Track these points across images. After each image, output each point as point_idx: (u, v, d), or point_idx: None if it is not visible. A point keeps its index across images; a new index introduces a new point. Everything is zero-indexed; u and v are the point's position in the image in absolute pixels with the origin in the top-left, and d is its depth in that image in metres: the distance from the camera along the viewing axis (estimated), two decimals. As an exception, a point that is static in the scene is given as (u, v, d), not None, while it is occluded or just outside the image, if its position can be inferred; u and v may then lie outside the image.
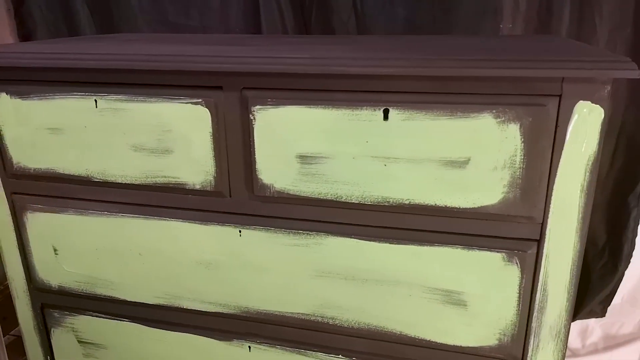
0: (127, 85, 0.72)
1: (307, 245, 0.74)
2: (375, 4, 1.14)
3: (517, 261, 0.67)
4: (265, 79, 0.67)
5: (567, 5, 1.07)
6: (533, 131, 0.61)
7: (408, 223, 0.70)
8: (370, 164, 0.67)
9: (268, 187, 0.72)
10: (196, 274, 0.80)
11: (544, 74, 0.57)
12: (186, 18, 1.22)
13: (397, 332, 0.75)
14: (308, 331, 0.79)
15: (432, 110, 0.63)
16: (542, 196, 0.63)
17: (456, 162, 0.64)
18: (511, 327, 0.70)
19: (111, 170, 0.77)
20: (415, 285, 0.72)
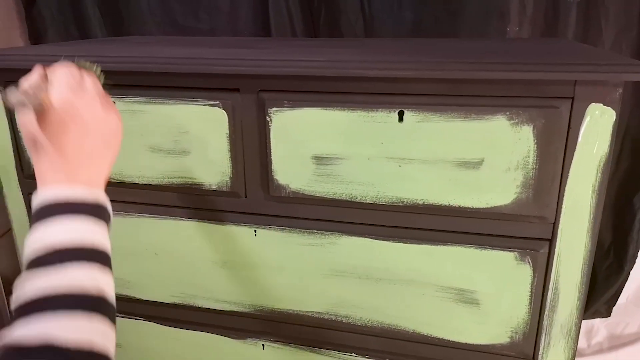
0: (145, 87, 0.74)
1: (322, 244, 0.75)
2: (383, 7, 1.15)
3: (529, 260, 0.68)
4: (282, 81, 0.69)
5: (574, 8, 1.08)
6: (546, 133, 0.62)
7: (422, 223, 0.71)
8: (385, 165, 0.68)
9: (284, 188, 0.73)
10: (211, 273, 0.81)
11: (557, 77, 0.59)
12: (195, 20, 1.24)
13: (410, 331, 0.76)
14: (322, 330, 0.80)
15: (446, 112, 0.64)
16: (554, 196, 0.65)
17: (470, 163, 0.65)
18: (523, 325, 0.71)
19: (128, 171, 0.79)
20: (428, 284, 0.73)
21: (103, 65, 0.71)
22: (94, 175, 0.51)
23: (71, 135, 0.49)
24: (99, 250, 0.47)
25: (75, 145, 0.49)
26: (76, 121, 0.49)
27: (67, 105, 0.49)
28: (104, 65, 0.71)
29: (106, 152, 0.53)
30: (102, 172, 0.52)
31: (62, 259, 0.44)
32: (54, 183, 0.48)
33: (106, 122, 0.52)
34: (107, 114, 0.53)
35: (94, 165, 0.51)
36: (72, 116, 0.49)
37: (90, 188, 0.49)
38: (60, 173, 0.48)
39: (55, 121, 0.49)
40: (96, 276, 0.45)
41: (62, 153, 0.49)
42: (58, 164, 0.48)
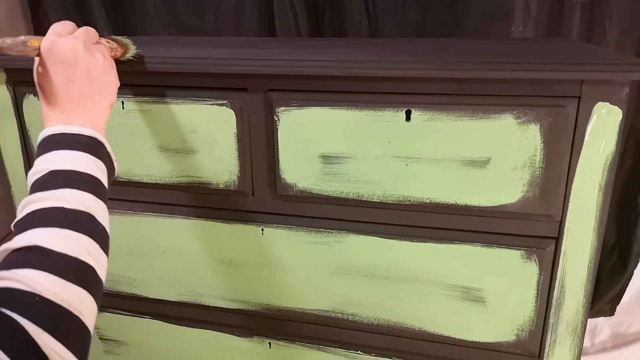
0: (154, 87, 0.74)
1: (329, 243, 0.75)
2: (388, 8, 1.15)
3: (536, 259, 0.68)
4: (290, 81, 0.69)
5: (578, 8, 1.09)
6: (552, 132, 0.62)
7: (428, 221, 0.71)
8: (392, 164, 0.69)
9: (291, 187, 0.74)
10: (218, 271, 0.82)
11: (564, 76, 0.59)
12: (201, 21, 1.24)
13: (417, 329, 0.76)
14: (328, 328, 0.81)
15: (453, 112, 0.64)
16: (560, 195, 0.65)
17: (477, 162, 0.66)
18: (529, 323, 0.72)
19: (136, 170, 0.79)
20: (434, 282, 0.73)
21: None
22: (89, 115, 0.55)
23: (57, 75, 0.54)
24: (93, 179, 0.51)
25: (63, 85, 0.54)
26: (59, 60, 0.54)
27: (50, 46, 0.54)
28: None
29: (96, 93, 0.56)
30: (96, 114, 0.56)
31: (57, 183, 0.48)
32: (52, 122, 0.54)
33: (89, 60, 0.56)
34: (92, 54, 0.56)
35: (86, 106, 0.55)
36: (55, 55, 0.54)
37: (85, 126, 0.54)
38: (56, 115, 0.54)
39: (46, 64, 0.54)
40: (87, 201, 0.49)
41: (55, 96, 0.54)
42: (54, 107, 0.54)
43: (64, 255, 0.43)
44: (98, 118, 0.56)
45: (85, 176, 0.50)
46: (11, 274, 0.40)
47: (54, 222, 0.45)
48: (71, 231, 0.45)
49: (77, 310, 0.42)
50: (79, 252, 0.45)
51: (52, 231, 0.44)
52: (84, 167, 0.50)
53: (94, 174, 0.51)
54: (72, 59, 0.54)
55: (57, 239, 0.44)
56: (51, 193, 0.47)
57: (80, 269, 0.44)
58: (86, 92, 0.55)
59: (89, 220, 0.48)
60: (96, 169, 0.52)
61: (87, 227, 0.47)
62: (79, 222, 0.47)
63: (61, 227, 0.45)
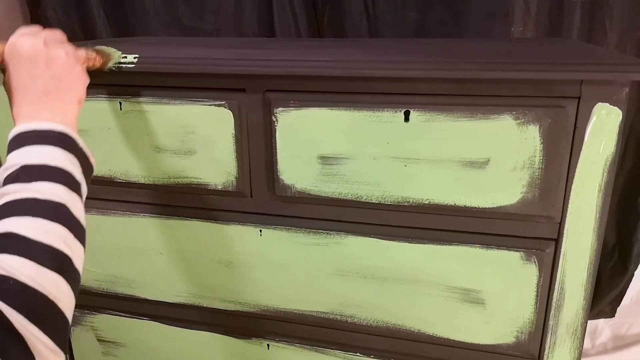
0: (152, 87, 0.74)
1: (327, 244, 0.75)
2: (387, 8, 1.15)
3: (535, 260, 0.68)
4: (288, 81, 0.69)
5: (578, 8, 1.08)
6: (552, 132, 0.62)
7: (427, 223, 0.71)
8: (390, 165, 0.68)
9: (289, 188, 0.73)
10: (216, 273, 0.81)
11: (564, 76, 0.59)
12: (200, 21, 1.24)
13: (416, 330, 0.76)
14: (327, 329, 0.80)
15: (452, 112, 0.64)
16: (560, 196, 0.65)
17: (476, 163, 0.65)
18: (529, 325, 0.71)
19: (134, 171, 0.79)
20: (434, 283, 0.73)
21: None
22: (56, 111, 0.55)
23: (20, 73, 0.55)
24: (65, 173, 0.51)
25: (27, 82, 0.55)
26: (18, 57, 0.55)
27: (11, 47, 0.55)
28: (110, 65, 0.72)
29: (61, 88, 0.56)
30: (64, 109, 0.56)
31: (29, 176, 0.48)
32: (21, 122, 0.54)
33: (49, 56, 0.56)
34: (50, 49, 0.56)
35: (53, 102, 0.55)
36: (15, 54, 0.55)
37: (54, 122, 0.54)
38: (24, 112, 0.54)
39: (8, 64, 0.55)
40: (60, 192, 0.49)
41: (21, 94, 0.55)
42: (21, 106, 0.54)
43: (38, 242, 0.44)
44: (66, 113, 0.56)
45: (57, 170, 0.50)
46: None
47: (28, 212, 0.45)
48: (45, 220, 0.46)
49: (53, 295, 0.42)
50: (53, 240, 0.45)
51: (26, 220, 0.45)
52: (55, 161, 0.51)
53: (66, 168, 0.51)
54: (33, 56, 0.55)
55: (31, 227, 0.44)
56: (24, 185, 0.47)
57: (56, 256, 0.45)
58: (51, 87, 0.55)
59: (63, 210, 0.48)
60: (68, 163, 0.52)
61: (61, 217, 0.47)
62: (53, 212, 0.47)
63: (35, 216, 0.45)
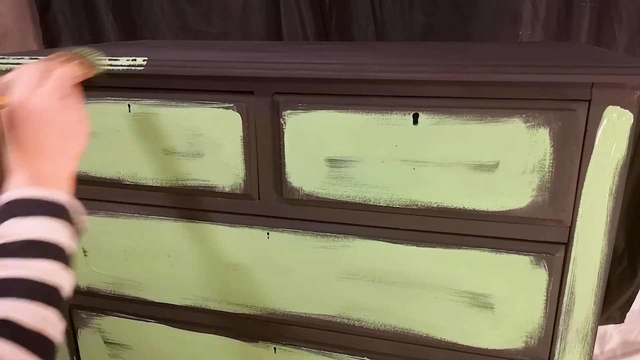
0: (160, 90, 0.74)
1: (335, 247, 0.75)
2: (394, 11, 1.15)
3: (545, 264, 0.67)
4: (297, 84, 0.69)
5: (586, 11, 1.08)
6: (562, 135, 0.62)
7: (436, 226, 0.71)
8: (399, 168, 0.68)
9: (297, 190, 0.73)
10: (224, 275, 0.81)
11: (574, 79, 0.58)
12: (208, 25, 1.25)
13: (423, 335, 0.76)
14: (334, 333, 0.80)
15: (461, 115, 0.64)
16: (570, 200, 0.64)
17: (485, 166, 0.65)
18: (538, 330, 0.71)
19: (142, 173, 0.79)
20: (441, 287, 0.72)
21: (116, 67, 0.72)
22: (56, 169, 0.54)
23: (29, 133, 0.52)
24: (61, 248, 0.50)
25: (33, 142, 0.53)
26: (29, 122, 0.52)
27: (22, 104, 0.52)
28: (117, 67, 0.72)
29: (66, 147, 0.55)
30: (65, 167, 0.55)
31: (27, 252, 0.47)
32: (18, 179, 0.52)
33: (62, 119, 0.54)
34: (64, 110, 0.55)
35: (55, 160, 0.54)
36: (25, 117, 0.52)
37: (51, 188, 0.52)
38: (23, 167, 0.52)
39: (16, 120, 0.52)
40: (55, 271, 0.48)
41: (23, 150, 0.52)
42: (22, 159, 0.53)
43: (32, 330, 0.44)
44: (67, 171, 0.55)
45: (54, 246, 0.49)
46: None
47: (24, 294, 0.45)
48: (40, 304, 0.45)
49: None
50: (46, 327, 0.45)
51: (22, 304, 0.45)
52: (53, 235, 0.49)
53: (62, 243, 0.50)
54: (46, 121, 0.52)
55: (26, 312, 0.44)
56: (21, 262, 0.47)
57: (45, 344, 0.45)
58: (57, 148, 0.54)
59: (55, 293, 0.48)
60: (64, 236, 0.51)
61: (53, 301, 0.47)
62: (47, 296, 0.46)
63: (31, 300, 0.45)
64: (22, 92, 0.52)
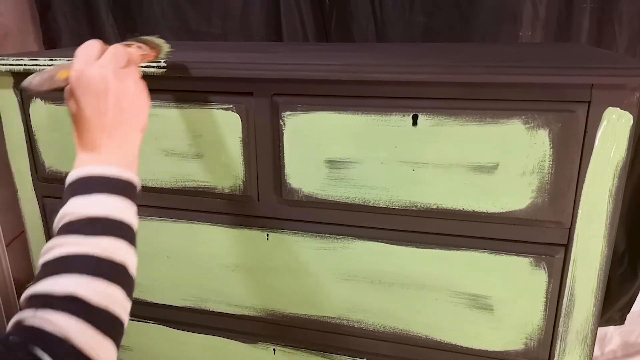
0: (159, 91, 0.74)
1: (334, 249, 0.75)
2: (395, 12, 1.15)
3: (545, 266, 0.67)
4: (296, 85, 0.69)
5: (587, 12, 1.07)
6: (562, 137, 0.61)
7: (435, 227, 0.71)
8: (398, 169, 0.68)
9: (296, 192, 0.73)
10: (223, 276, 0.81)
11: (574, 80, 0.58)
12: (208, 25, 1.24)
13: (423, 336, 0.75)
14: (333, 334, 0.80)
15: (461, 116, 0.64)
16: (570, 201, 0.64)
17: (485, 167, 0.65)
18: (538, 332, 0.70)
19: (141, 174, 0.77)
20: (441, 289, 0.72)
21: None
22: (118, 143, 0.54)
23: (88, 104, 0.53)
24: (127, 226, 0.50)
25: (93, 113, 0.53)
26: (88, 91, 0.53)
27: (78, 77, 0.53)
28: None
29: (126, 119, 0.55)
30: (126, 141, 0.55)
31: (92, 229, 0.47)
32: (81, 157, 0.53)
33: (120, 87, 0.54)
34: (122, 81, 0.55)
35: (116, 133, 0.54)
36: (84, 86, 0.53)
37: (121, 167, 0.53)
38: (88, 145, 0.53)
39: (76, 92, 0.53)
40: (121, 249, 0.48)
41: (85, 125, 0.53)
42: (85, 137, 0.53)
43: (98, 307, 0.43)
44: (130, 145, 0.55)
45: (120, 224, 0.49)
46: (48, 316, 0.41)
47: (89, 270, 0.45)
48: (106, 281, 0.45)
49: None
50: (112, 304, 0.44)
51: (87, 280, 0.44)
52: (118, 212, 0.49)
53: (128, 221, 0.50)
54: (102, 89, 0.53)
55: (92, 288, 0.44)
56: (86, 239, 0.46)
57: (112, 322, 0.44)
58: (117, 122, 0.54)
59: (122, 271, 0.47)
60: (131, 215, 0.51)
61: (119, 278, 0.46)
62: (113, 273, 0.46)
63: (96, 276, 0.45)
64: (80, 64, 0.54)
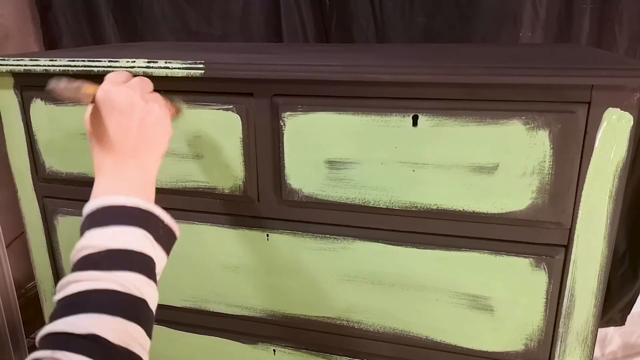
0: (159, 91, 0.74)
1: (334, 249, 0.75)
2: (395, 13, 1.15)
3: (545, 267, 0.67)
4: (296, 85, 0.69)
5: (587, 13, 1.08)
6: (562, 137, 0.61)
7: (435, 228, 0.71)
8: (398, 170, 0.68)
9: (296, 192, 0.73)
10: (223, 277, 0.81)
11: (574, 81, 0.58)
12: (208, 26, 1.25)
13: (423, 337, 0.75)
14: (333, 335, 0.80)
15: (461, 117, 0.64)
16: (570, 202, 0.64)
17: (485, 168, 0.65)
18: (538, 333, 0.70)
19: (142, 174, 0.79)
20: (442, 290, 0.72)
21: (116, 69, 0.72)
22: (139, 169, 0.54)
23: (112, 125, 0.53)
24: (147, 258, 0.49)
25: (117, 135, 0.53)
26: (115, 109, 0.53)
27: (105, 95, 0.53)
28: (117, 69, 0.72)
29: (148, 143, 0.55)
30: (147, 167, 0.55)
31: (111, 263, 0.46)
32: (100, 184, 0.52)
33: (145, 110, 0.55)
34: (147, 103, 0.55)
35: (138, 157, 0.54)
36: (110, 105, 0.53)
37: (141, 193, 0.52)
38: (108, 166, 0.53)
39: (101, 111, 0.53)
40: (140, 283, 0.47)
41: (108, 145, 0.53)
42: (106, 156, 0.53)
43: (119, 347, 0.43)
44: (150, 170, 0.55)
45: (139, 256, 0.48)
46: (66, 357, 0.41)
47: (108, 308, 0.44)
48: (126, 320, 0.44)
49: None
50: (132, 344, 0.44)
51: (107, 320, 0.43)
52: (137, 245, 0.49)
53: (148, 253, 0.49)
54: (128, 108, 0.53)
55: (113, 328, 0.43)
56: (104, 274, 0.46)
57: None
58: (140, 142, 0.54)
59: (142, 307, 0.46)
60: (150, 247, 0.50)
61: (139, 316, 0.46)
62: (133, 310, 0.45)
63: (115, 314, 0.44)
64: (108, 85, 0.55)
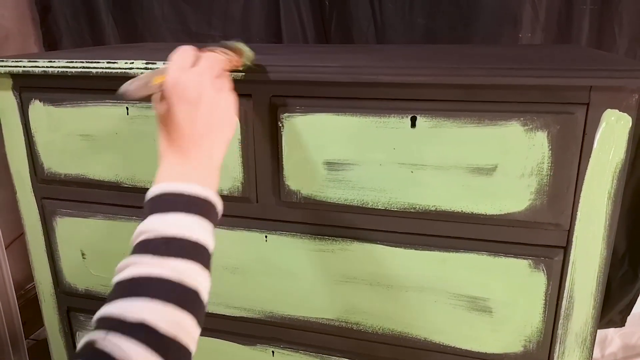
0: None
1: (333, 251, 0.75)
2: (395, 14, 1.15)
3: (544, 268, 0.67)
4: (295, 87, 0.69)
5: (587, 14, 1.08)
6: (561, 139, 0.61)
7: (434, 229, 0.70)
8: (397, 171, 0.68)
9: (295, 193, 0.73)
10: (222, 278, 0.81)
11: (573, 82, 0.58)
12: (208, 27, 1.25)
13: (422, 338, 0.75)
14: (332, 336, 0.80)
15: (459, 118, 0.64)
16: (569, 203, 0.64)
17: (483, 169, 0.65)
18: (537, 334, 0.70)
19: (140, 176, 0.79)
20: (440, 291, 0.72)
21: (115, 70, 0.72)
22: (205, 155, 0.53)
23: (181, 111, 0.52)
24: (203, 247, 0.49)
25: (185, 124, 0.52)
26: (183, 98, 0.52)
27: (174, 83, 0.52)
28: (115, 70, 0.72)
29: (216, 130, 0.54)
30: (213, 153, 0.54)
31: (167, 249, 0.46)
32: (164, 170, 0.52)
33: (214, 99, 0.54)
34: (217, 92, 0.54)
35: (204, 144, 0.53)
36: (179, 93, 0.52)
37: (204, 181, 0.52)
38: (173, 154, 0.52)
39: (170, 98, 0.52)
40: (195, 272, 0.47)
41: (175, 132, 0.52)
42: (172, 144, 0.53)
43: (167, 336, 0.42)
44: (215, 157, 0.54)
45: (195, 244, 0.48)
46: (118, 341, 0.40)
47: (161, 295, 0.44)
48: (177, 308, 0.44)
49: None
50: (181, 333, 0.43)
51: (158, 306, 0.43)
52: (195, 233, 0.48)
53: (203, 241, 0.49)
54: (196, 98, 0.52)
55: (163, 316, 0.43)
56: (160, 260, 0.45)
57: (179, 351, 0.43)
58: (206, 132, 0.53)
59: (194, 297, 0.46)
60: (208, 236, 0.50)
61: (191, 305, 0.45)
62: (185, 299, 0.45)
63: (167, 302, 0.43)
64: (176, 70, 0.53)
